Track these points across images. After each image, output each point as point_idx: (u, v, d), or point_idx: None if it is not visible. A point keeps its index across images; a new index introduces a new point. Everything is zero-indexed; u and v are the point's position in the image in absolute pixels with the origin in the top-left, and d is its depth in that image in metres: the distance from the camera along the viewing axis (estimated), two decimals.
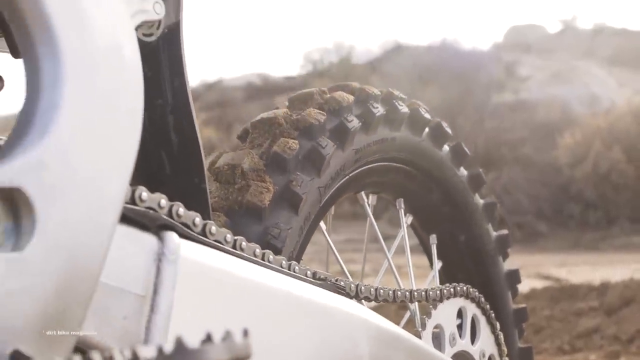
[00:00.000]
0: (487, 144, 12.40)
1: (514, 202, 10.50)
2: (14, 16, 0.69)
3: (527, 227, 10.04)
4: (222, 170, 1.18)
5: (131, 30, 0.77)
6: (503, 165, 11.50)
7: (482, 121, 13.18)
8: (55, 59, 0.69)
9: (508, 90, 16.17)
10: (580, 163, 10.86)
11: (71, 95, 0.69)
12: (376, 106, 1.37)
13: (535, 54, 20.15)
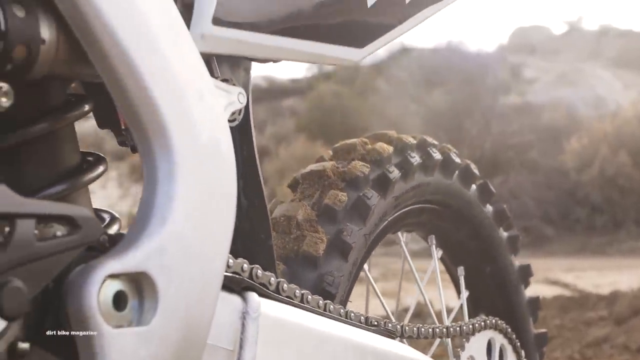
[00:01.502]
0: (493, 147, 12.52)
1: (521, 206, 10.62)
2: (135, 122, 0.82)
3: (534, 231, 10.16)
4: (279, 221, 1.31)
5: (225, 124, 0.90)
6: (510, 169, 11.62)
7: (489, 125, 13.30)
8: (169, 157, 0.82)
9: (514, 93, 16.27)
10: (587, 167, 10.98)
11: (183, 187, 0.82)
12: (413, 155, 1.50)
13: (541, 56, 20.24)
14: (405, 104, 14.49)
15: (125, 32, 0.79)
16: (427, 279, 1.68)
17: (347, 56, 1.08)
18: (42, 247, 0.72)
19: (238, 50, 0.96)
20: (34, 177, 0.87)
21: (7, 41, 0.74)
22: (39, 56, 0.77)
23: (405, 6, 1.16)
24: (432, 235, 1.68)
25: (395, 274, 1.62)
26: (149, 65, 0.80)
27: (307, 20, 1.02)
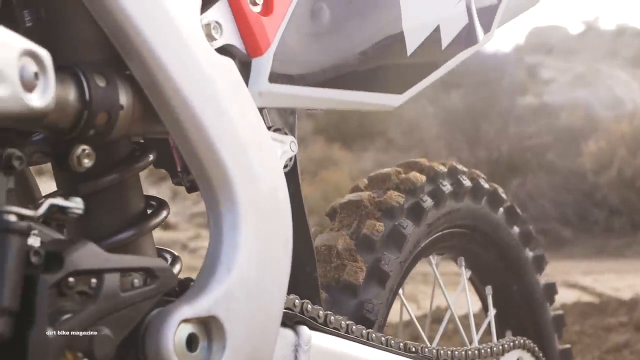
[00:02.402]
0: (510, 149, 12.54)
1: (539, 208, 10.66)
2: (202, 177, 0.90)
3: (551, 234, 10.20)
4: (320, 250, 1.38)
5: (282, 173, 0.98)
6: (527, 171, 11.66)
7: (506, 126, 13.32)
8: (233, 209, 0.90)
9: (531, 94, 16.27)
10: (605, 169, 11.00)
11: (246, 236, 0.90)
12: (445, 184, 1.57)
13: (558, 56, 20.22)
14: (422, 105, 14.52)
15: (193, 95, 0.86)
16: (456, 297, 1.76)
17: (387, 102, 1.16)
18: (126, 298, 0.80)
19: (290, 103, 1.03)
20: (104, 224, 0.95)
21: (90, 110, 0.82)
22: (118, 120, 0.85)
23: (441, 52, 1.23)
24: (461, 257, 1.75)
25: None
26: (215, 124, 0.88)
27: (352, 71, 1.09)
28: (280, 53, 0.99)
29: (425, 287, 1.52)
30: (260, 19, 0.98)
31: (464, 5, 1.27)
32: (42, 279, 0.72)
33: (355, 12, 1.10)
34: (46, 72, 0.72)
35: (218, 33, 0.93)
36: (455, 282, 1.85)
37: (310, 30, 1.04)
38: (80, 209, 0.77)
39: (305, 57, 1.03)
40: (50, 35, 0.93)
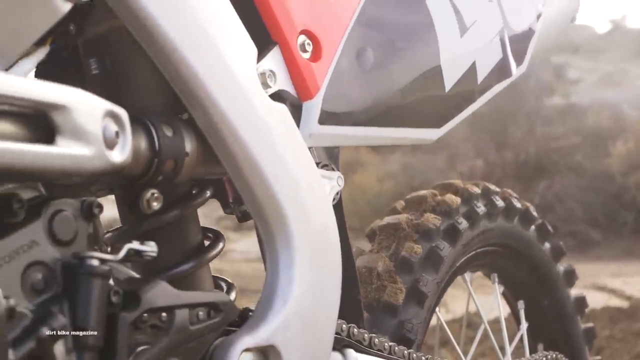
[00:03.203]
0: (538, 151, 12.54)
1: (567, 210, 10.66)
2: (259, 216, 0.97)
3: (580, 235, 10.20)
4: (361, 272, 1.46)
5: (331, 208, 1.05)
6: (555, 172, 11.65)
7: (533, 128, 13.31)
8: (288, 245, 0.97)
9: (558, 94, 16.23)
10: (634, 170, 10.97)
11: (300, 270, 0.97)
12: (479, 205, 1.64)
13: (585, 56, 20.13)
14: None
15: (251, 140, 0.94)
16: (489, 312, 1.82)
17: (427, 136, 1.23)
18: (194, 330, 0.87)
19: (337, 142, 1.11)
20: (166, 257, 1.03)
21: (160, 158, 0.89)
22: (184, 166, 0.93)
23: (477, 86, 1.30)
24: (494, 274, 1.82)
25: None
26: (271, 167, 0.96)
27: (394, 108, 1.16)
28: (329, 96, 1.06)
29: (453, 290, 1.57)
30: (310, 65, 1.05)
31: (498, 40, 1.33)
32: (122, 317, 0.80)
33: (396, 53, 1.17)
34: (125, 130, 0.80)
35: (272, 81, 1.01)
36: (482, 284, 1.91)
37: (355, 72, 1.11)
38: (154, 252, 0.85)
39: (351, 98, 1.10)
40: (115, 83, 1.02)
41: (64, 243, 0.79)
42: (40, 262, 0.77)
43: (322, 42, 1.06)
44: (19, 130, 0.69)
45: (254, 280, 5.91)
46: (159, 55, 0.89)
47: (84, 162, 0.73)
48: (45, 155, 0.69)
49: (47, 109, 0.70)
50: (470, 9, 1.28)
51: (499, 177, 12.03)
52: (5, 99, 0.66)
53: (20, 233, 0.76)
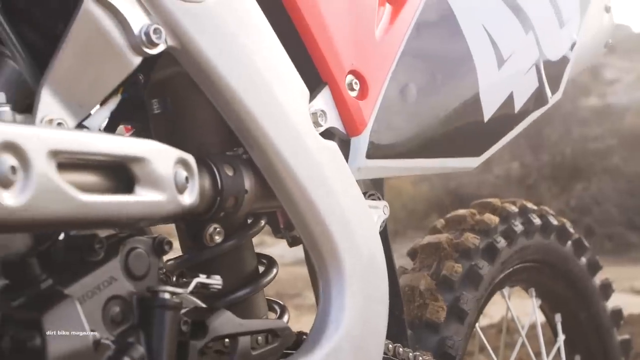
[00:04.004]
0: (574, 153, 12.48)
1: (604, 212, 10.61)
2: (313, 248, 1.05)
3: (617, 238, 10.15)
4: (404, 290, 1.53)
5: (378, 237, 1.12)
6: (592, 175, 11.60)
7: (569, 129, 13.25)
8: (340, 275, 1.04)
9: (594, 95, 16.11)
10: None
11: (351, 297, 1.04)
12: (516, 224, 1.70)
13: (621, 55, 19.95)
14: None
15: (305, 177, 1.01)
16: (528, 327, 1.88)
17: (467, 165, 1.30)
18: (255, 356, 0.95)
19: (383, 173, 1.18)
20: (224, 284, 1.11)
21: (222, 197, 0.97)
22: (244, 202, 1.00)
23: (514, 115, 1.36)
24: (532, 288, 1.88)
25: None
26: (323, 202, 1.03)
27: (436, 140, 1.23)
28: (375, 131, 1.14)
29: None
30: (358, 103, 1.12)
31: (534, 70, 1.40)
32: (192, 345, 0.88)
33: (437, 87, 1.24)
34: (193, 175, 0.88)
35: (323, 120, 1.08)
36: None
37: (399, 107, 1.18)
38: (219, 285, 0.93)
39: (396, 132, 1.17)
40: (175, 121, 1.10)
41: (138, 278, 0.87)
42: (119, 296, 0.85)
43: (369, 81, 1.13)
44: (104, 182, 0.77)
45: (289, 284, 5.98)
46: (219, 101, 0.97)
47: (159, 207, 0.81)
48: (127, 204, 0.77)
49: (128, 162, 0.78)
50: (508, 41, 1.34)
51: (535, 179, 12.02)
52: (94, 155, 0.74)
53: (100, 270, 0.84)
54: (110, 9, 0.86)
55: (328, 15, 1.10)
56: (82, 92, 0.87)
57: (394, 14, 1.23)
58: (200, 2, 0.92)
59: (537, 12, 1.43)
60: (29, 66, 0.90)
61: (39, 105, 0.84)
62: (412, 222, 10.70)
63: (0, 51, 0.91)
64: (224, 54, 0.94)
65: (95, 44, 0.86)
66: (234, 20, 0.96)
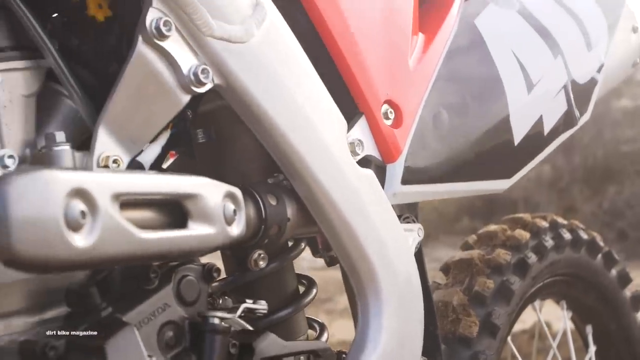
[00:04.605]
0: (606, 155, 12.41)
1: (637, 216, 10.54)
2: (352, 272, 1.10)
3: None
4: (437, 306, 1.58)
5: (413, 259, 1.18)
6: (624, 178, 11.53)
7: (601, 132, 13.17)
8: (378, 297, 1.10)
9: (626, 97, 15.99)
10: None
11: (388, 319, 1.10)
12: (547, 239, 1.74)
13: None
14: None
15: (344, 204, 1.07)
16: (559, 338, 1.93)
17: (498, 187, 1.35)
18: None
19: (417, 198, 1.23)
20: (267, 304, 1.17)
21: (266, 225, 1.03)
22: (286, 229, 1.06)
23: (543, 138, 1.41)
24: (563, 301, 1.92)
25: None
26: (362, 227, 1.09)
27: (468, 164, 1.28)
28: (410, 158, 1.19)
29: None
30: (393, 131, 1.17)
31: (563, 93, 1.44)
32: None
33: (469, 113, 1.29)
34: (240, 207, 0.94)
35: (360, 148, 1.14)
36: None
37: (432, 133, 1.23)
38: (265, 310, 0.99)
39: (430, 158, 1.22)
40: (219, 150, 1.16)
41: (189, 303, 0.94)
42: (172, 321, 0.91)
43: (403, 110, 1.19)
44: (160, 218, 0.83)
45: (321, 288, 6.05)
46: (263, 134, 1.02)
47: (209, 240, 0.87)
48: (181, 238, 0.83)
49: (182, 199, 0.84)
50: (537, 66, 1.39)
51: (567, 182, 11.97)
52: (152, 195, 0.81)
53: (155, 297, 0.90)
54: (161, 52, 0.92)
55: (364, 47, 1.15)
56: (136, 129, 0.93)
57: (427, 43, 1.28)
58: (244, 42, 0.98)
59: (565, 36, 1.48)
60: (84, 104, 0.96)
61: (96, 143, 0.91)
62: (444, 225, 10.72)
63: (58, 90, 0.97)
64: (267, 90, 1.00)
65: (148, 85, 0.93)
66: (275, 58, 1.02)
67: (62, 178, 0.68)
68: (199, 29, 0.94)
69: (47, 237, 0.66)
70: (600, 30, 1.58)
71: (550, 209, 7.76)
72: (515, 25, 1.42)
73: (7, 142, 0.91)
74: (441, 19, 1.32)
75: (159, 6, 0.92)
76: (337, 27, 1.12)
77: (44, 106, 0.96)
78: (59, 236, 0.67)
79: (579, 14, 1.53)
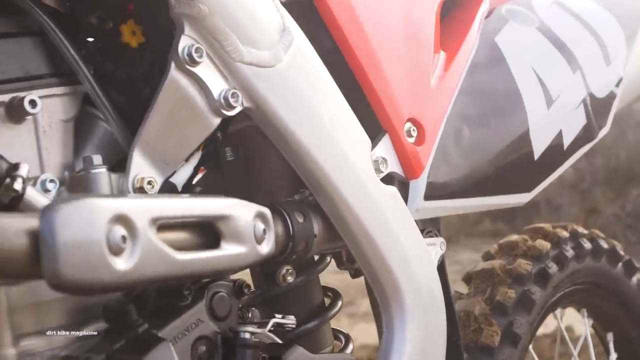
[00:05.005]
0: (629, 156, 12.35)
1: None
2: (376, 285, 1.14)
3: None
4: (460, 315, 1.61)
5: (436, 273, 1.21)
6: None
7: (624, 133, 13.11)
8: (402, 310, 1.13)
9: None
10: None
11: (412, 331, 1.14)
12: (567, 249, 1.77)
13: None
14: None
15: (368, 220, 1.11)
16: (580, 346, 1.95)
17: (518, 200, 1.38)
18: None
19: (439, 213, 1.26)
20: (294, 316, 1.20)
21: (294, 242, 1.07)
22: (313, 246, 1.10)
23: (563, 152, 1.44)
24: (584, 309, 1.95)
25: None
26: (386, 243, 1.12)
27: (488, 179, 1.32)
28: (432, 174, 1.22)
29: None
30: (416, 148, 1.21)
31: (582, 107, 1.47)
32: None
33: (490, 129, 1.32)
34: (270, 226, 0.97)
35: (384, 166, 1.17)
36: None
37: (454, 150, 1.27)
38: (294, 324, 1.03)
39: (452, 174, 1.26)
40: (247, 168, 1.20)
41: (221, 319, 0.98)
42: (205, 336, 0.95)
43: (426, 127, 1.22)
44: (194, 239, 0.87)
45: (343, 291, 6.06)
46: (290, 154, 1.06)
47: (241, 259, 0.91)
48: (214, 258, 0.87)
49: (215, 220, 0.88)
50: (556, 81, 1.42)
51: (589, 183, 11.92)
52: (187, 217, 0.85)
53: (189, 313, 0.94)
54: (193, 77, 0.96)
55: (387, 67, 1.19)
56: (169, 151, 0.97)
57: (448, 61, 1.32)
58: (272, 67, 1.02)
59: (584, 51, 1.51)
60: (119, 127, 1.00)
61: (132, 165, 0.95)
62: (465, 227, 10.72)
63: (94, 114, 1.02)
64: (294, 112, 1.04)
65: (181, 109, 0.97)
66: (302, 80, 1.06)
67: (104, 205, 0.72)
68: (229, 55, 0.98)
69: (91, 262, 0.70)
70: (618, 43, 1.60)
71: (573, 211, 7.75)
72: (535, 41, 1.45)
73: (47, 165, 0.95)
74: (462, 37, 1.36)
75: (191, 33, 0.96)
76: (361, 48, 1.16)
77: (81, 129, 1.01)
78: (102, 260, 0.71)
79: (597, 29, 1.56)
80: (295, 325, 1.05)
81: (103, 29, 1.03)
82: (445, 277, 1.34)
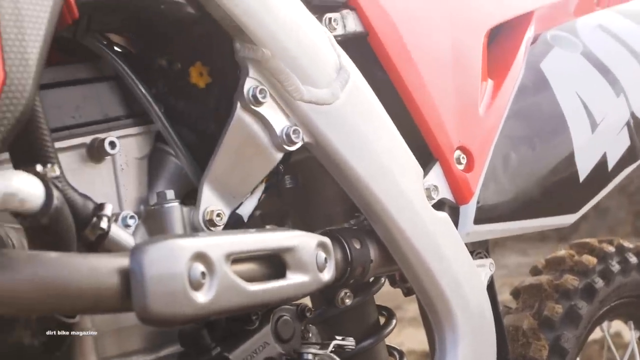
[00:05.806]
0: None
1: None
2: (429, 306, 1.20)
3: None
4: (508, 330, 1.66)
5: (486, 294, 1.27)
6: None
7: None
8: (454, 330, 1.20)
9: None
10: None
11: (464, 350, 1.20)
12: (613, 264, 1.81)
13: None
14: None
15: (421, 246, 1.17)
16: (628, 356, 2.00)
17: (564, 222, 1.43)
18: None
19: (488, 236, 1.32)
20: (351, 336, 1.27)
21: (351, 267, 1.14)
22: (369, 270, 1.17)
23: (608, 173, 1.49)
24: (630, 321, 1.99)
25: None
26: (438, 267, 1.19)
27: (535, 202, 1.37)
28: (481, 200, 1.28)
29: None
30: (465, 175, 1.27)
31: (626, 130, 1.52)
32: None
33: (536, 154, 1.38)
34: (330, 255, 1.04)
35: (435, 193, 1.23)
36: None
37: (502, 175, 1.33)
38: (353, 346, 1.09)
39: (500, 198, 1.32)
40: (305, 195, 1.28)
41: (286, 341, 1.05)
42: (271, 358, 1.03)
43: (475, 155, 1.28)
44: (263, 270, 0.94)
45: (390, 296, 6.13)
46: (347, 185, 1.13)
47: (305, 287, 0.98)
48: (281, 288, 0.94)
49: (281, 252, 0.95)
50: (600, 105, 1.47)
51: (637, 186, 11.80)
52: (257, 251, 0.92)
53: (256, 337, 1.02)
54: (257, 116, 1.04)
55: (437, 97, 1.26)
56: (235, 185, 1.05)
57: (496, 89, 1.38)
58: (330, 104, 1.09)
59: (627, 73, 1.55)
60: (189, 162, 1.08)
61: (202, 199, 1.03)
62: None
63: (165, 150, 1.10)
64: (351, 146, 1.11)
65: (246, 146, 1.04)
66: (358, 115, 1.12)
67: (184, 245, 0.80)
68: (290, 95, 1.05)
69: (175, 297, 0.77)
70: None
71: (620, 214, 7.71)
72: (579, 66, 1.50)
73: (125, 201, 1.03)
74: (508, 65, 1.42)
75: (255, 75, 1.03)
76: (412, 80, 1.23)
77: (153, 165, 1.09)
78: (184, 295, 0.78)
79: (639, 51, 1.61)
80: (354, 347, 1.11)
81: (172, 70, 1.11)
82: (495, 296, 1.40)
